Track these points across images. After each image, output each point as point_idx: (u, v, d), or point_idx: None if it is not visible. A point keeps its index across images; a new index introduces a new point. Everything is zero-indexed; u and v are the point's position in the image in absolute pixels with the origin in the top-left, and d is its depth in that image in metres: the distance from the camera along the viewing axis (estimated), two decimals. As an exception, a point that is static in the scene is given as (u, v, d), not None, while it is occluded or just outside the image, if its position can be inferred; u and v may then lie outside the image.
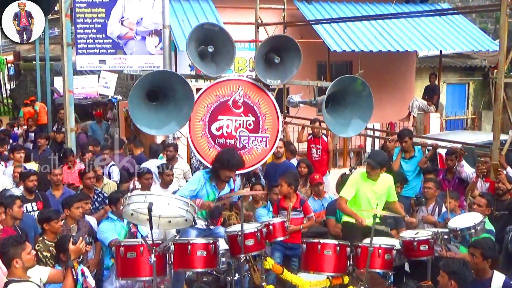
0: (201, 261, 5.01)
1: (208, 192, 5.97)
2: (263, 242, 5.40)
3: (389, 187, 6.64)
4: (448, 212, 6.63)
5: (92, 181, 7.97)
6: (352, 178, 6.68)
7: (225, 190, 6.06)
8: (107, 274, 6.84)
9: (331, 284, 5.65)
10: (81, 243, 4.59)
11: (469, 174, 8.01)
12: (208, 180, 6.01)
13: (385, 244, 5.63)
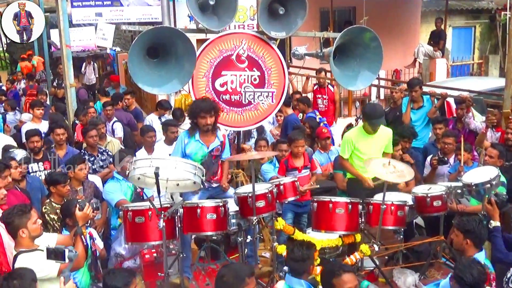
0: (211, 224, 4.90)
1: (195, 150, 5.74)
2: (274, 203, 5.28)
3: (389, 140, 6.49)
4: (462, 163, 6.47)
5: (95, 139, 7.83)
6: (347, 137, 6.48)
7: (214, 143, 5.81)
8: (114, 234, 6.81)
9: (343, 242, 5.58)
10: (88, 209, 4.47)
11: (478, 125, 7.83)
12: (189, 137, 5.76)
13: (398, 201, 5.51)
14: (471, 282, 3.78)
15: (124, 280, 3.74)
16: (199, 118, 5.59)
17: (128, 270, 3.98)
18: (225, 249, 6.26)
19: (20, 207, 4.42)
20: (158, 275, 5.00)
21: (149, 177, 4.80)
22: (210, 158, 5.72)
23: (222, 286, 3.41)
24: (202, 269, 6.11)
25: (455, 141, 6.96)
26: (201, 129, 5.68)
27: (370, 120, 6.22)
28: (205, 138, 5.71)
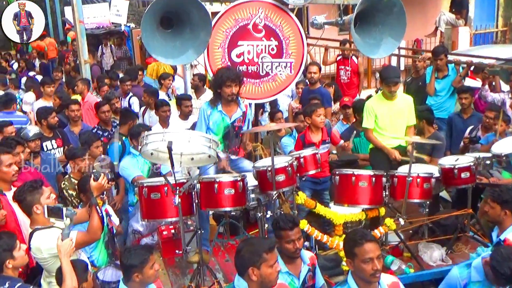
0: (229, 200, 4.70)
1: (218, 121, 5.53)
2: (294, 177, 5.06)
3: (410, 108, 6.24)
4: (497, 134, 6.18)
5: (107, 115, 7.75)
6: (368, 104, 6.30)
7: (237, 113, 5.57)
8: (132, 211, 6.71)
9: (366, 217, 5.37)
10: (103, 179, 4.33)
11: (496, 97, 7.53)
12: (211, 108, 5.53)
13: (424, 173, 5.27)
14: (509, 276, 3.55)
15: (141, 258, 3.62)
16: (225, 87, 5.35)
17: (145, 247, 3.85)
18: (245, 224, 6.11)
19: (31, 183, 4.30)
20: (176, 252, 4.85)
21: (162, 152, 4.62)
22: (233, 129, 5.52)
23: (239, 261, 3.23)
24: (221, 245, 5.99)
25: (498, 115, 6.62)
26: (224, 100, 5.47)
27: (386, 79, 6.07)
28: (228, 109, 5.50)
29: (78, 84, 9.51)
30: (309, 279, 4.21)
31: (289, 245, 4.05)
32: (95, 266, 5.14)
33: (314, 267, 4.30)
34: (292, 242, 4.04)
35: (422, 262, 5.33)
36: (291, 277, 4.09)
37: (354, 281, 3.47)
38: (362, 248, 3.39)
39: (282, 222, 4.08)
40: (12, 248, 3.78)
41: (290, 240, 4.03)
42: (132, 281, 3.63)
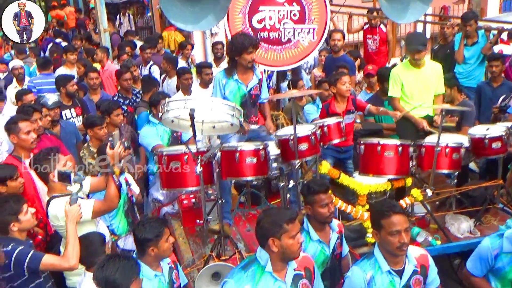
0: (251, 169, 4.58)
1: (235, 90, 5.37)
2: (317, 146, 4.91)
3: (439, 76, 6.00)
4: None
5: (129, 82, 7.67)
6: (394, 72, 6.08)
7: (253, 81, 5.40)
8: (152, 180, 6.64)
9: (392, 187, 5.22)
10: (119, 147, 4.23)
11: None
12: (227, 77, 5.37)
13: (453, 143, 5.07)
14: None
15: (156, 231, 3.47)
16: (246, 54, 5.16)
17: (159, 220, 3.70)
18: (266, 194, 6.00)
19: (47, 150, 4.23)
20: (197, 221, 4.77)
21: (184, 120, 4.49)
22: (250, 98, 5.35)
23: (260, 232, 3.11)
24: (243, 214, 5.90)
25: None
26: (240, 67, 5.30)
27: (409, 46, 5.86)
28: (244, 77, 5.32)
29: (97, 52, 9.42)
30: (338, 246, 4.10)
31: (323, 209, 3.90)
32: (116, 234, 5.10)
33: (342, 235, 4.18)
34: (327, 206, 3.90)
35: (449, 234, 5.18)
36: (322, 245, 3.98)
37: (381, 254, 3.34)
38: (389, 220, 3.24)
39: (316, 186, 3.95)
40: (18, 212, 3.76)
41: (324, 204, 3.89)
42: (147, 255, 3.51)
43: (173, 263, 3.76)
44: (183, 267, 4.87)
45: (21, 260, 3.60)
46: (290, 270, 3.11)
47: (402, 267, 3.35)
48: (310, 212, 3.98)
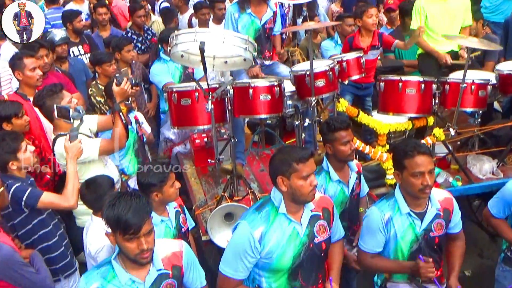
0: (264, 106, 4.35)
1: (248, 24, 5.08)
2: (335, 82, 4.66)
3: (466, 7, 5.65)
4: None
5: (142, 19, 7.44)
6: (417, 5, 5.71)
7: (267, 14, 5.11)
8: (163, 119, 6.48)
9: (413, 126, 4.98)
10: (126, 83, 4.03)
11: None
12: (239, 11, 5.07)
13: (479, 79, 4.78)
14: None
15: (160, 176, 3.29)
16: None
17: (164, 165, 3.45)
18: (281, 133, 5.82)
19: (50, 87, 4.04)
20: (209, 161, 4.61)
21: (194, 54, 4.25)
22: (264, 32, 5.06)
23: (270, 169, 2.92)
24: (256, 154, 5.75)
25: None
26: (253, 0, 4.98)
27: None
28: (257, 10, 5.02)
29: (106, -14, 9.04)
30: (357, 186, 3.94)
31: (344, 147, 3.71)
32: (126, 174, 4.98)
33: (360, 174, 4.01)
34: (348, 144, 3.71)
35: (470, 175, 4.97)
36: (341, 185, 3.82)
37: (402, 195, 3.16)
38: (413, 160, 3.03)
39: (336, 123, 3.74)
40: (16, 150, 3.62)
41: (345, 141, 3.70)
42: (151, 201, 3.36)
43: (180, 206, 3.62)
44: (195, 208, 4.78)
45: (19, 196, 3.51)
46: (306, 211, 2.93)
47: (424, 210, 3.17)
48: (330, 151, 3.79)
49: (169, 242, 2.91)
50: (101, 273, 2.64)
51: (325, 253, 3.05)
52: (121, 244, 2.53)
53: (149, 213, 2.54)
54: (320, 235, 2.98)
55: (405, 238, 3.15)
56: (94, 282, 2.62)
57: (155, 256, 2.68)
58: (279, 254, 2.85)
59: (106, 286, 2.61)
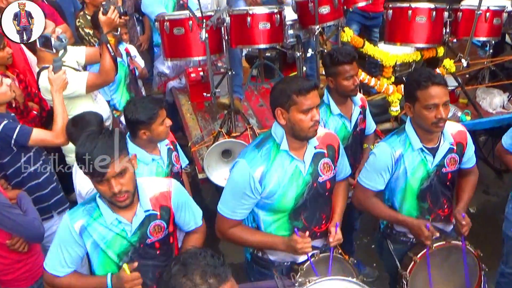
0: (264, 35, 4.04)
1: None
2: (340, 9, 4.32)
3: None
4: None
5: None
6: None
7: None
8: (157, 52, 6.18)
9: (422, 57, 4.69)
10: (113, 12, 3.70)
11: None
12: None
13: (495, 6, 4.46)
14: None
15: (149, 113, 3.03)
16: None
17: (153, 100, 3.20)
18: (281, 66, 5.53)
19: None
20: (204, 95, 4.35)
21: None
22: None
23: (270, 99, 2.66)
24: (255, 89, 5.50)
25: None
26: None
27: None
28: None
29: None
30: (360, 122, 3.71)
31: (348, 81, 3.47)
32: (118, 110, 4.73)
33: (365, 110, 3.77)
34: (352, 78, 3.47)
35: (480, 109, 4.75)
36: (343, 120, 3.60)
37: (413, 130, 2.92)
38: (427, 91, 2.77)
39: (340, 55, 3.47)
40: None
41: (349, 76, 3.46)
42: (138, 138, 3.13)
43: (172, 143, 3.39)
44: (191, 145, 4.57)
45: (8, 135, 3.26)
46: (310, 148, 2.70)
47: (437, 145, 2.94)
48: (332, 85, 3.53)
49: (157, 181, 2.69)
50: (87, 211, 2.46)
51: (330, 192, 2.85)
52: (95, 186, 2.34)
53: (119, 152, 2.29)
54: (324, 173, 2.76)
55: (415, 175, 2.93)
56: (80, 219, 2.44)
57: (142, 196, 2.49)
58: (281, 194, 2.65)
59: (92, 224, 2.44)
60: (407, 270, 2.97)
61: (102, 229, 2.45)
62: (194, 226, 2.74)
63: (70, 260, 2.50)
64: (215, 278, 1.53)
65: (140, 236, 2.50)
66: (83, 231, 2.43)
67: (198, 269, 1.54)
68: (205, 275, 1.53)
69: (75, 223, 2.43)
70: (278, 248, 2.76)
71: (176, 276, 1.53)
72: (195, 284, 1.51)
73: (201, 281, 1.52)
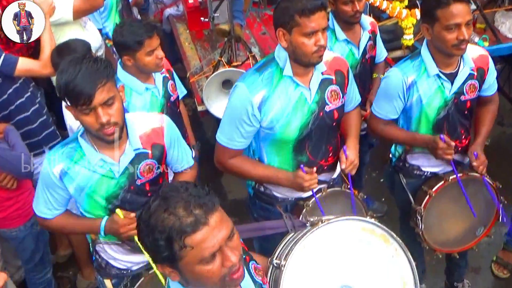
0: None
1: None
2: None
3: None
4: None
5: None
6: None
7: None
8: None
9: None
10: None
11: None
12: None
13: None
14: None
15: (134, 38, 2.76)
16: None
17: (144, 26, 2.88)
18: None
19: None
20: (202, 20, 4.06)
21: None
22: None
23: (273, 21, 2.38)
24: (257, 15, 5.19)
25: None
26: None
27: None
28: None
29: None
30: (370, 48, 3.42)
31: (346, 6, 3.19)
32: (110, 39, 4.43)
33: (375, 35, 3.48)
34: (351, 3, 3.18)
35: (498, 34, 4.43)
36: (350, 46, 3.32)
37: (430, 54, 2.65)
38: (448, 10, 2.47)
39: None
40: None
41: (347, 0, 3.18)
42: (125, 65, 2.90)
43: (168, 72, 3.13)
44: (189, 75, 4.32)
45: None
46: (316, 74, 2.44)
47: (456, 70, 2.68)
48: (333, 7, 3.24)
49: (148, 117, 2.44)
50: (67, 153, 2.22)
51: (337, 123, 2.61)
52: (79, 118, 2.08)
53: (106, 79, 2.03)
54: (331, 102, 2.51)
55: (432, 104, 2.69)
56: (59, 163, 2.21)
57: (132, 133, 2.25)
58: (284, 123, 2.41)
59: (73, 168, 2.21)
60: (421, 204, 2.80)
61: (85, 172, 2.22)
62: (186, 165, 2.54)
63: (56, 202, 2.32)
64: (201, 209, 1.32)
65: (129, 177, 2.29)
66: (64, 175, 2.22)
67: (181, 201, 1.32)
68: (189, 206, 1.31)
69: (53, 168, 2.21)
70: (282, 184, 2.57)
71: (157, 212, 1.32)
72: (179, 218, 1.30)
73: (185, 213, 1.30)
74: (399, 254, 1.91)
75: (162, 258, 1.35)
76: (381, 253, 1.91)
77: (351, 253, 1.88)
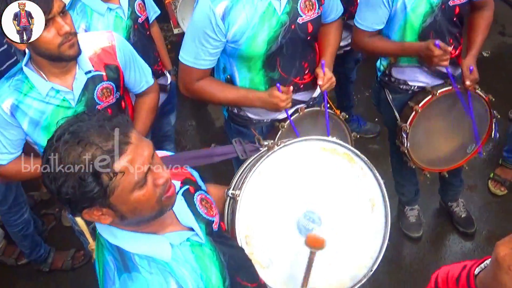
0: None
1: None
2: None
3: None
4: None
5: None
6: None
7: None
8: None
9: None
10: None
11: None
12: None
13: None
14: None
15: None
16: None
17: None
18: None
19: None
20: None
21: None
22: None
23: None
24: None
25: None
26: None
27: None
28: None
29: None
30: None
31: None
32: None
33: None
34: None
35: None
36: None
37: None
38: None
39: None
40: None
41: None
42: None
43: None
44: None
45: None
46: None
47: None
48: None
49: (95, 35, 2.21)
50: (14, 85, 2.02)
51: (312, 37, 2.36)
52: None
53: None
54: (305, 13, 2.26)
55: (416, 10, 2.42)
56: (7, 98, 2.01)
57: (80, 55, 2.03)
58: (249, 36, 2.17)
59: (24, 101, 2.02)
60: (407, 121, 2.60)
61: (37, 104, 2.03)
62: (146, 85, 2.34)
63: (9, 144, 2.11)
64: (118, 129, 1.16)
65: (87, 104, 2.09)
66: (15, 110, 2.02)
67: (92, 128, 1.15)
68: (104, 130, 1.15)
69: (2, 103, 2.01)
70: (255, 105, 2.37)
71: (68, 150, 1.14)
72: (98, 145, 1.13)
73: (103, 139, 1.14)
74: (365, 173, 1.74)
75: (91, 200, 1.17)
76: (346, 173, 1.74)
77: (312, 177, 1.71)
